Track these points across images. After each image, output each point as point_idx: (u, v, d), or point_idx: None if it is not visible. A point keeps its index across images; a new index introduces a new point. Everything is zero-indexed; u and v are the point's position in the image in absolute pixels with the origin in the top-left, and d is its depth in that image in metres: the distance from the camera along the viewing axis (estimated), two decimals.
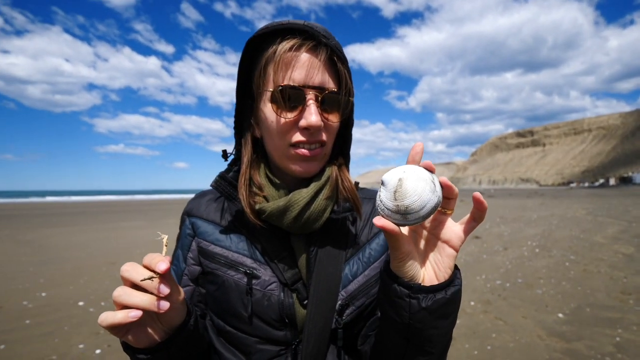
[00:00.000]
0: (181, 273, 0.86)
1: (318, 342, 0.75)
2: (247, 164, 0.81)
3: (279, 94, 0.71)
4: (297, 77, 0.71)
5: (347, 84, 0.75)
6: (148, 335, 0.62)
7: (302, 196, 0.75)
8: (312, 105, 0.71)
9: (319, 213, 0.76)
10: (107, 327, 0.55)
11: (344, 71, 0.74)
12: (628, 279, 5.78)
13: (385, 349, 0.68)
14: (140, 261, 0.60)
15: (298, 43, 0.71)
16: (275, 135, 0.75)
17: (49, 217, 20.07)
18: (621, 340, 3.65)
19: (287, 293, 0.77)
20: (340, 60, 0.74)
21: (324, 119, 0.74)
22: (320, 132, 0.75)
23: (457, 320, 3.15)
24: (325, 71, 0.73)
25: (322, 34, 0.71)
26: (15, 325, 4.28)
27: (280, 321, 0.77)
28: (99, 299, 5.24)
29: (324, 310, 0.75)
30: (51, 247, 9.80)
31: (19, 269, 7.18)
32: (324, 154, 0.78)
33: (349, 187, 0.82)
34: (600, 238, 9.75)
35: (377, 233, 0.88)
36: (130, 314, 0.54)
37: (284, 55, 0.71)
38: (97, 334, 4.02)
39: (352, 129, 0.85)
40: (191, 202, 0.92)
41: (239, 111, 0.83)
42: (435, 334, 0.60)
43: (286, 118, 0.72)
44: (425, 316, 0.58)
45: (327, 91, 0.72)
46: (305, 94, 0.71)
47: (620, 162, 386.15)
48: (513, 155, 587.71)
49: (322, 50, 0.72)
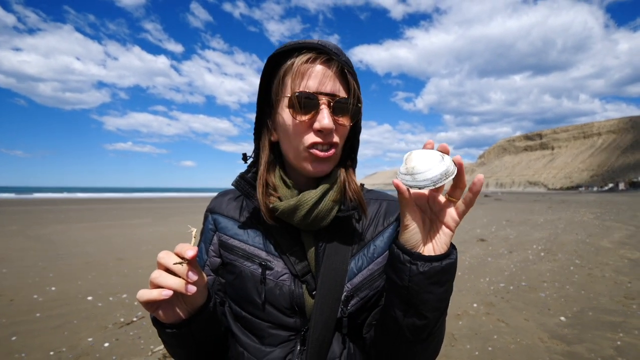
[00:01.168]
0: (203, 264, 0.96)
1: (324, 329, 0.82)
2: (265, 166, 0.90)
3: (295, 98, 0.79)
4: (312, 85, 0.80)
5: (355, 92, 0.84)
6: (175, 312, 0.73)
7: (310, 196, 0.83)
8: (324, 110, 0.80)
9: (327, 212, 0.84)
10: (144, 302, 0.67)
11: (353, 82, 0.83)
12: (632, 283, 5.76)
13: (388, 314, 0.78)
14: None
15: (313, 56, 0.81)
16: (292, 137, 0.83)
17: (58, 213, 20.36)
18: (622, 344, 3.66)
19: (297, 284, 0.85)
20: (349, 72, 0.83)
21: (335, 122, 0.82)
22: (332, 134, 0.82)
23: (459, 322, 3.23)
24: (337, 81, 0.82)
25: (334, 51, 0.81)
26: (25, 318, 4.40)
27: (290, 309, 0.85)
28: (107, 294, 5.35)
29: (331, 301, 0.83)
30: (60, 242, 9.97)
31: (29, 263, 7.33)
32: (335, 156, 0.86)
33: (355, 189, 0.90)
34: (606, 243, 9.68)
35: (381, 231, 0.94)
36: (163, 293, 0.66)
37: (300, 67, 0.80)
38: (105, 328, 4.11)
39: (359, 135, 0.94)
40: (214, 201, 1.02)
41: (259, 118, 0.92)
42: (431, 299, 0.71)
43: (301, 120, 0.80)
44: (422, 280, 0.70)
45: (338, 98, 0.81)
46: (318, 100, 0.80)
47: (630, 166, 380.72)
48: (521, 159, 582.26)
49: (334, 64, 0.81)
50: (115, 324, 4.25)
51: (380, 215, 0.97)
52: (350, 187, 0.90)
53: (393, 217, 0.97)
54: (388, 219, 0.97)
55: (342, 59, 0.82)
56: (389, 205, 1.00)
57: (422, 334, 0.75)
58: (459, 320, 4.35)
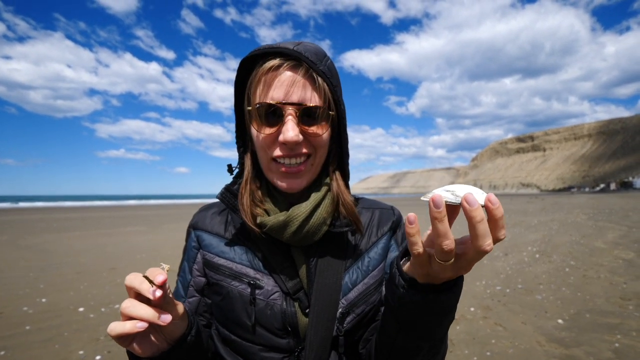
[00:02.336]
0: (187, 284, 0.90)
1: (320, 349, 0.77)
2: (248, 176, 0.84)
3: (255, 111, 0.75)
4: (276, 95, 0.74)
5: (327, 99, 0.77)
6: (152, 345, 0.65)
7: (301, 211, 0.78)
8: (289, 122, 0.73)
9: (318, 227, 0.79)
10: (116, 336, 0.59)
11: (324, 86, 0.76)
12: (628, 284, 5.78)
13: (383, 330, 0.72)
14: (144, 266, 0.64)
15: (277, 64, 0.74)
16: (259, 150, 0.80)
17: (50, 222, 20.09)
18: (620, 346, 3.65)
19: (289, 302, 0.80)
20: (320, 76, 0.75)
21: (305, 132, 0.76)
22: (300, 146, 0.77)
23: (457, 326, 3.18)
24: (307, 88, 0.75)
25: (309, 58, 0.73)
26: (15, 331, 4.29)
27: (283, 329, 0.79)
28: (99, 305, 5.25)
29: (326, 319, 0.78)
30: (52, 252, 9.81)
31: (19, 274, 7.19)
32: (310, 166, 0.80)
33: (348, 204, 0.84)
34: (600, 243, 9.75)
35: (375, 242, 0.91)
36: (137, 325, 0.58)
37: (264, 76, 0.75)
38: (97, 340, 4.02)
39: (347, 145, 0.86)
40: (196, 216, 0.96)
41: (239, 126, 0.87)
42: (421, 327, 0.64)
43: (264, 134, 0.76)
44: (412, 308, 0.62)
45: (304, 106, 0.74)
46: (283, 111, 0.74)
47: (621, 167, 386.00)
48: (513, 161, 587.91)
49: (302, 68, 0.74)
50: (107, 335, 4.15)
51: (373, 225, 0.94)
52: (343, 201, 0.84)
53: (387, 227, 0.94)
54: (382, 228, 0.93)
55: (316, 64, 0.74)
56: (381, 214, 0.96)
57: (414, 357, 0.69)
58: (457, 324, 4.32)
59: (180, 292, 0.90)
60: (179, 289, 0.91)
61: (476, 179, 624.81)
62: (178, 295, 0.90)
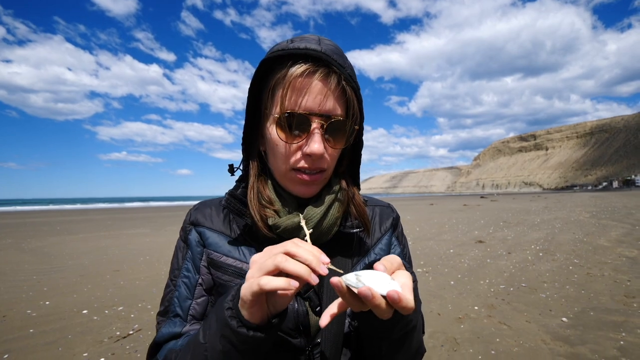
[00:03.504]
0: (195, 283, 0.86)
1: (334, 346, 0.78)
2: (255, 177, 0.83)
3: (284, 120, 0.72)
4: (306, 104, 0.71)
5: (354, 112, 0.76)
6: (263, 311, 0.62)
7: (316, 212, 0.78)
8: (316, 134, 0.72)
9: (330, 228, 0.80)
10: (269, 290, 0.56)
11: (353, 99, 0.75)
12: (632, 282, 5.75)
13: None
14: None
15: (310, 69, 0.71)
16: (279, 158, 0.77)
17: (53, 225, 20.14)
18: (625, 343, 3.63)
19: (300, 302, 0.80)
20: (350, 87, 0.74)
21: (327, 146, 0.75)
22: (322, 159, 0.76)
23: (461, 325, 3.19)
24: (334, 99, 0.73)
25: (337, 61, 0.72)
26: (19, 334, 4.30)
27: (295, 329, 0.79)
28: (103, 307, 5.26)
29: (338, 316, 0.78)
30: (55, 255, 9.83)
31: (23, 277, 7.21)
32: (323, 179, 0.81)
33: (360, 209, 0.86)
34: (603, 241, 9.70)
35: (379, 238, 0.93)
36: (292, 283, 0.56)
37: (294, 81, 0.71)
38: (101, 342, 4.03)
39: (361, 150, 0.88)
40: (195, 213, 0.92)
41: (248, 125, 0.85)
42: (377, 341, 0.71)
43: (290, 143, 0.74)
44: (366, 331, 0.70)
45: (333, 119, 0.73)
46: (311, 122, 0.72)
47: (623, 165, 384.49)
48: (516, 159, 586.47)
49: (333, 78, 0.72)
50: (111, 337, 4.17)
51: (375, 222, 0.96)
52: (354, 203, 0.86)
53: (388, 223, 0.97)
54: (384, 224, 0.96)
55: (345, 69, 0.73)
56: (381, 211, 0.99)
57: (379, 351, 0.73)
58: (461, 324, 4.31)
59: (184, 294, 0.85)
60: (181, 291, 0.85)
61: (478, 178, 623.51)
62: (183, 298, 0.85)
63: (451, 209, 27.42)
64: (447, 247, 9.71)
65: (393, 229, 0.98)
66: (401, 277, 0.57)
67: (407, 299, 0.53)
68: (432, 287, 5.96)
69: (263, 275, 0.56)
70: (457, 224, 15.70)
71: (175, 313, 0.83)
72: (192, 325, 0.83)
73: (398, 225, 1.01)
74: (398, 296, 0.52)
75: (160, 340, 0.82)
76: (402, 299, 0.52)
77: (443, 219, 18.41)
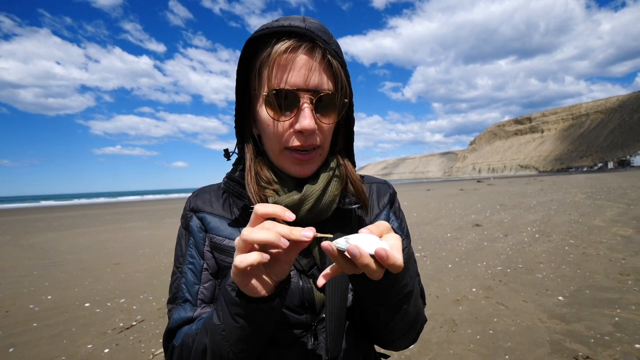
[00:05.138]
0: (200, 269, 0.86)
1: (338, 320, 0.80)
2: (251, 159, 0.83)
3: (273, 97, 0.72)
4: (292, 80, 0.71)
5: (343, 85, 0.76)
6: (265, 282, 0.63)
7: (315, 189, 0.78)
8: (306, 109, 0.72)
9: (329, 204, 0.80)
10: (244, 268, 0.57)
11: (340, 72, 0.74)
12: (626, 260, 5.84)
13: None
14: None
15: (294, 45, 0.71)
16: (271, 138, 0.77)
17: (50, 220, 20.11)
18: (620, 319, 3.71)
19: (304, 279, 0.82)
20: (337, 61, 0.74)
21: (318, 121, 0.75)
22: (315, 135, 0.76)
23: (459, 307, 3.23)
24: (321, 73, 0.73)
25: (321, 37, 0.71)
26: (22, 329, 4.34)
27: (301, 306, 0.81)
28: (104, 300, 5.30)
29: (340, 290, 0.81)
30: (54, 250, 9.85)
31: (24, 273, 7.23)
32: (319, 155, 0.81)
33: (357, 185, 0.87)
34: (599, 221, 9.81)
35: (377, 214, 0.95)
36: (264, 255, 0.58)
37: (278, 58, 0.71)
38: (104, 334, 4.07)
39: (353, 126, 0.88)
40: (194, 200, 0.92)
41: (239, 109, 0.84)
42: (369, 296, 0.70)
43: (281, 121, 0.74)
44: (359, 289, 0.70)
45: (322, 94, 0.73)
46: (299, 97, 0.72)
47: (619, 145, 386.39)
48: (512, 143, 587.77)
49: (318, 51, 0.72)
50: (115, 329, 4.21)
51: (373, 199, 0.98)
52: (351, 180, 0.86)
53: (386, 199, 0.99)
54: (381, 200, 0.98)
55: (330, 45, 0.72)
56: (378, 187, 1.01)
57: (376, 316, 0.74)
58: (459, 305, 4.38)
59: (191, 280, 0.85)
60: (188, 277, 0.86)
61: (474, 163, 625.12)
62: (190, 284, 0.85)
63: (448, 194, 27.56)
64: (444, 232, 9.80)
65: (390, 205, 0.99)
66: (390, 239, 0.58)
67: (396, 257, 0.54)
68: (430, 270, 6.04)
69: (237, 255, 0.58)
70: (454, 209, 15.80)
71: (185, 299, 0.85)
72: (203, 309, 0.84)
73: (395, 201, 1.02)
74: (385, 254, 0.53)
75: (174, 326, 0.83)
76: (389, 256, 0.53)
77: (440, 204, 18.52)
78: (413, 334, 0.83)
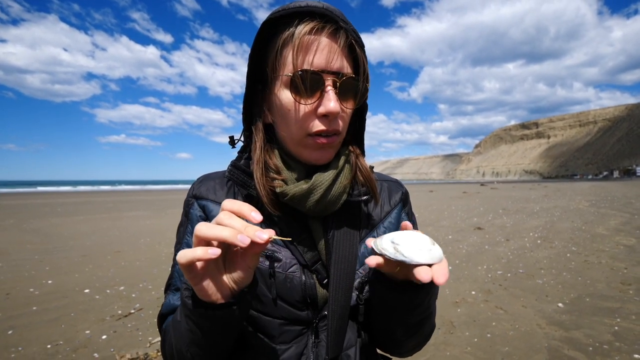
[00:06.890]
0: None
1: (340, 318, 0.77)
2: (261, 148, 0.79)
3: (299, 79, 0.68)
4: (317, 61, 0.69)
5: (365, 70, 0.74)
6: (221, 288, 0.59)
7: (324, 178, 0.75)
8: (330, 92, 0.70)
9: (339, 195, 0.77)
10: (186, 264, 0.52)
11: (362, 57, 0.73)
12: (628, 269, 5.80)
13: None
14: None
15: (319, 26, 0.68)
16: (293, 123, 0.73)
17: (54, 206, 20.24)
18: (619, 329, 3.69)
19: (307, 274, 0.79)
20: (358, 45, 0.72)
21: (341, 106, 0.72)
22: (337, 120, 0.73)
23: (458, 309, 3.23)
24: (343, 56, 0.71)
25: (341, 18, 0.70)
26: (22, 312, 4.37)
27: (302, 302, 0.78)
28: (104, 287, 5.33)
29: (345, 288, 0.78)
30: (56, 235, 9.91)
31: (25, 257, 7.28)
32: (338, 142, 0.78)
33: (367, 172, 0.83)
34: (602, 230, 9.75)
35: (389, 212, 0.91)
36: (209, 251, 0.51)
37: (303, 38, 0.68)
38: (103, 321, 4.09)
39: (366, 114, 0.86)
40: (197, 186, 0.88)
41: (249, 96, 0.81)
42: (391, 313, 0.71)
43: (305, 104, 0.71)
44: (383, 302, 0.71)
45: (345, 77, 0.71)
46: (324, 80, 0.69)
47: (625, 154, 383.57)
48: (517, 147, 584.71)
49: (341, 35, 0.70)
50: (113, 316, 4.23)
51: (384, 196, 0.94)
52: (361, 171, 0.83)
53: (397, 197, 0.95)
54: (393, 198, 0.94)
55: (350, 27, 0.71)
56: (390, 185, 0.97)
57: (393, 335, 0.76)
58: (457, 307, 4.37)
59: None
60: None
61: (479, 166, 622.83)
62: None
63: (450, 196, 27.47)
64: (445, 233, 9.77)
65: (403, 205, 0.96)
66: None
67: (446, 271, 0.55)
68: None
69: (183, 250, 0.53)
70: (456, 211, 15.75)
71: (176, 287, 0.83)
72: None
73: (408, 201, 0.98)
74: (444, 272, 0.53)
75: (164, 312, 0.83)
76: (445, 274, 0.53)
77: (442, 206, 18.47)
78: (421, 346, 0.83)
